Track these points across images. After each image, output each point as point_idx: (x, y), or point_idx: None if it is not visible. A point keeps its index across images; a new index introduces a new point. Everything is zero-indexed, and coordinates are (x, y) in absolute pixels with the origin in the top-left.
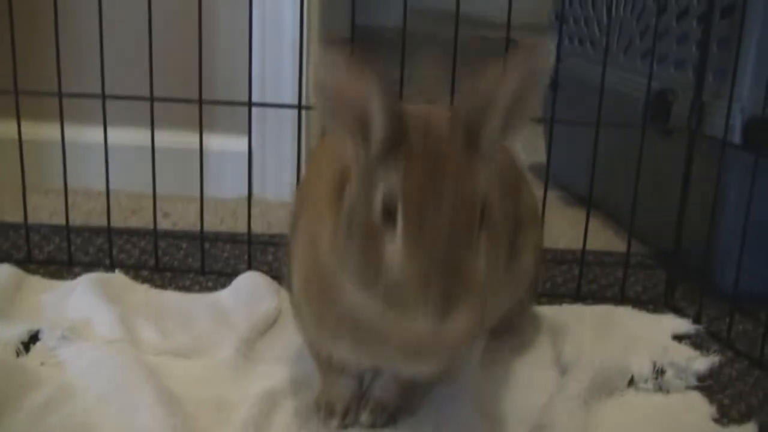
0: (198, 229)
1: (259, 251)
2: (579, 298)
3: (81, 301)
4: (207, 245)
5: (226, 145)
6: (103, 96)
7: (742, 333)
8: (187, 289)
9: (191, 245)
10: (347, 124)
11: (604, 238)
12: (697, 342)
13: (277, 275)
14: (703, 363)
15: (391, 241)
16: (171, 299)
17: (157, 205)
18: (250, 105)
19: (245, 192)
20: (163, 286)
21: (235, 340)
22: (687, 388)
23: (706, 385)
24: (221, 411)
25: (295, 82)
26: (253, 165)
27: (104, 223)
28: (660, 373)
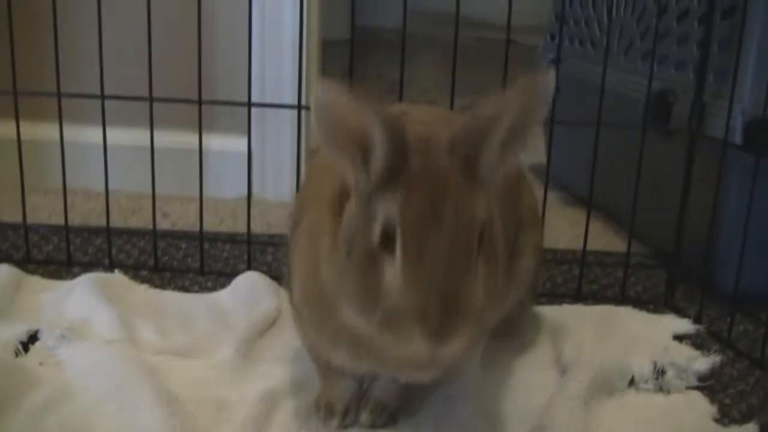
0: (197, 229)
1: (259, 251)
2: (579, 298)
3: (80, 301)
4: (206, 245)
5: (225, 145)
6: (102, 96)
7: (743, 333)
8: (187, 290)
9: (190, 245)
10: (348, 151)
11: (605, 238)
12: (698, 342)
13: (277, 275)
14: (703, 363)
15: (390, 268)
16: (170, 299)
17: (157, 205)
18: (249, 105)
19: (245, 192)
20: (163, 286)
21: (234, 340)
22: (688, 388)
23: (707, 385)
24: (221, 411)
25: (295, 83)
26: (252, 165)
27: (103, 223)
28: (660, 373)
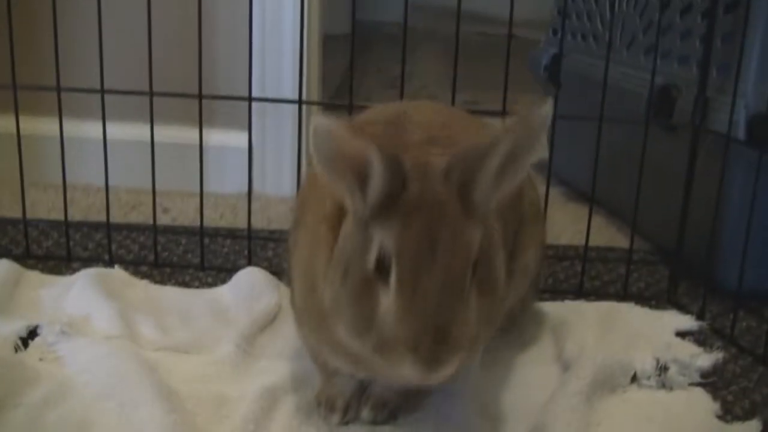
0: (197, 224)
1: (259, 247)
2: (581, 294)
3: (80, 297)
4: (207, 241)
5: (225, 140)
6: (102, 90)
7: (746, 329)
8: (187, 285)
9: (191, 241)
10: (346, 179)
11: (607, 234)
12: (701, 338)
13: (277, 271)
14: (706, 359)
15: (384, 297)
16: (170, 295)
17: (157, 200)
18: (250, 100)
19: (245, 187)
20: (163, 282)
21: (235, 336)
22: (690, 385)
23: (710, 382)
24: (221, 407)
25: (296, 77)
26: (253, 160)
27: (103, 219)
28: (663, 369)
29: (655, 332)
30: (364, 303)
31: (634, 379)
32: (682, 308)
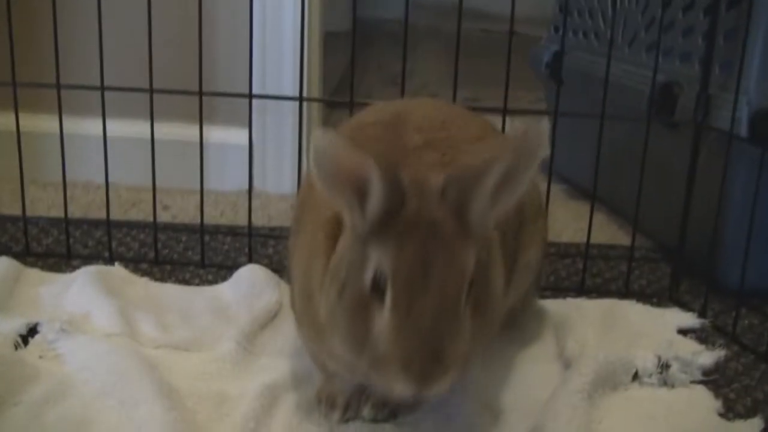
0: (198, 221)
1: (260, 244)
2: (583, 291)
3: (80, 294)
4: (207, 238)
5: (226, 137)
6: (102, 87)
7: (748, 327)
8: (187, 283)
9: (191, 238)
10: (345, 194)
11: (609, 231)
12: (703, 336)
13: (278, 268)
14: (708, 357)
15: (379, 317)
16: (171, 292)
17: (157, 197)
18: (250, 97)
19: (245, 184)
20: (163, 279)
21: (235, 334)
22: (692, 383)
23: (712, 380)
24: (222, 405)
25: (296, 74)
26: (253, 157)
27: (103, 216)
28: (665, 367)
29: (657, 330)
30: (360, 321)
31: (636, 376)
32: (684, 306)
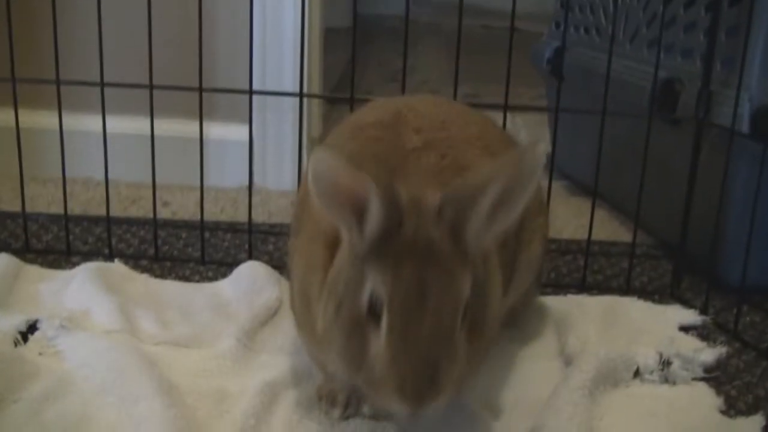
0: (198, 218)
1: (260, 241)
2: (584, 288)
3: (80, 291)
4: (207, 235)
5: (226, 133)
6: (102, 84)
7: (750, 324)
8: (187, 279)
9: (191, 235)
10: (344, 214)
11: (610, 228)
12: (704, 333)
13: (278, 265)
14: (709, 354)
15: (375, 339)
16: (171, 289)
17: (157, 194)
18: (251, 93)
19: (246, 181)
20: (163, 276)
21: (235, 331)
22: (693, 380)
23: (713, 377)
24: (222, 402)
25: (296, 70)
26: (253, 153)
27: (103, 213)
28: (666, 364)
29: (658, 327)
30: (356, 341)
31: (637, 373)
32: (686, 303)
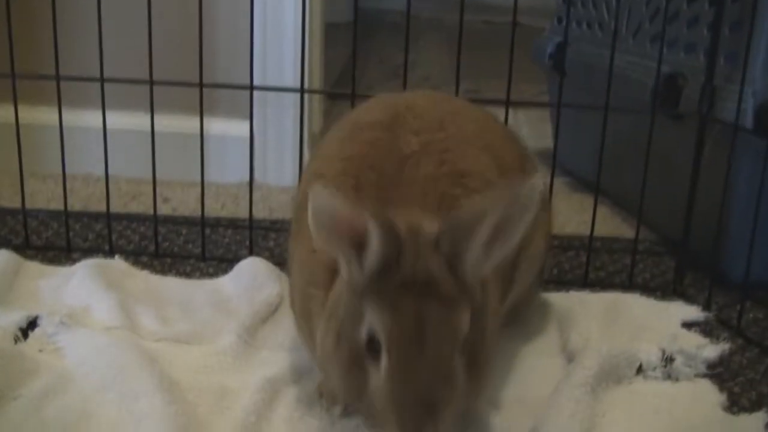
0: (198, 214)
1: (261, 237)
2: (586, 284)
3: (80, 288)
4: (208, 231)
5: (227, 129)
6: (102, 79)
7: (753, 321)
8: (188, 276)
9: (191, 231)
10: (344, 249)
11: (612, 224)
12: (707, 330)
13: (279, 261)
14: (712, 351)
15: (375, 373)
16: (171, 285)
17: (157, 190)
18: (251, 88)
19: (246, 177)
20: (163, 272)
21: (236, 327)
22: (696, 376)
23: (716, 373)
24: (222, 398)
25: (297, 66)
26: (254, 149)
27: (103, 209)
28: (669, 360)
29: (661, 323)
30: (355, 373)
31: (640, 370)
32: (688, 299)
